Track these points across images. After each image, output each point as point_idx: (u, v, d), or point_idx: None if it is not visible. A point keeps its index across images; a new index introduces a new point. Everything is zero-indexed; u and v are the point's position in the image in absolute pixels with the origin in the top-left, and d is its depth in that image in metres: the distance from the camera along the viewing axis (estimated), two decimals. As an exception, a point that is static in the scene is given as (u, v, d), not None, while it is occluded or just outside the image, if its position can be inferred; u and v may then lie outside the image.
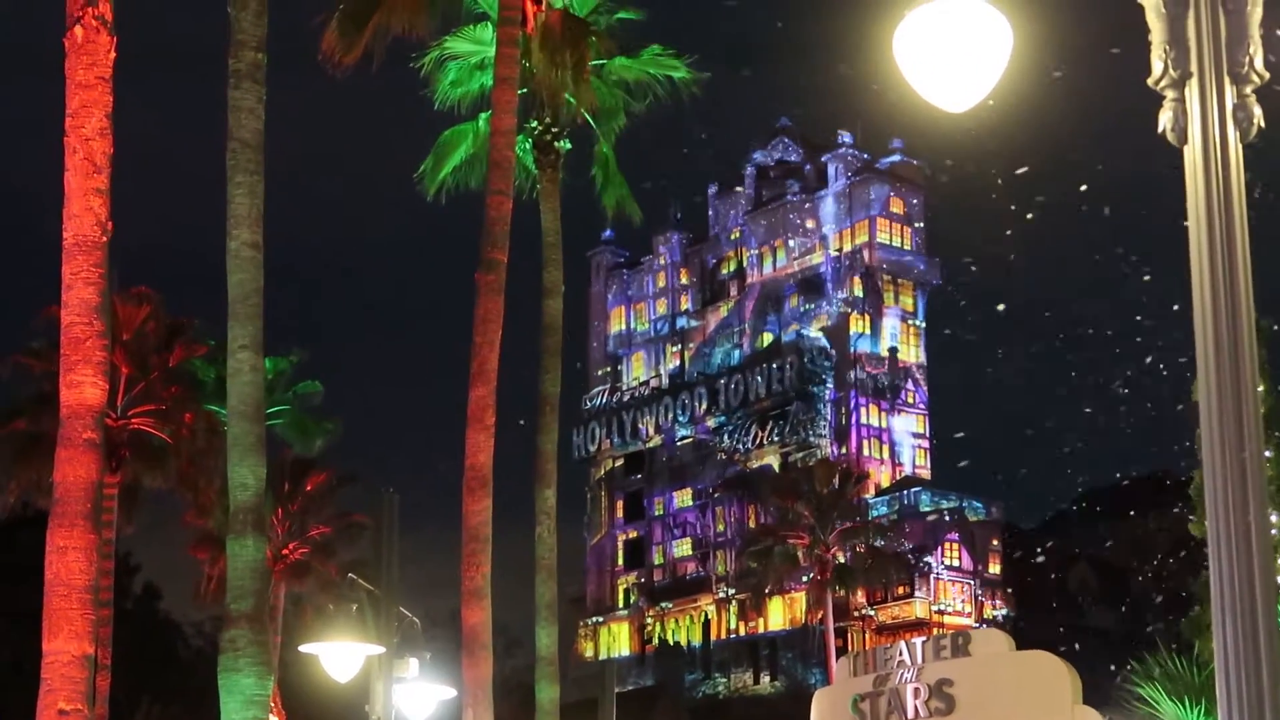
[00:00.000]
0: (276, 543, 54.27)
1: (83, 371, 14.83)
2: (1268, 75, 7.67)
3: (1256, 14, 7.67)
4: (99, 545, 15.29)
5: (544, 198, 33.68)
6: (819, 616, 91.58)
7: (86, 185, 14.90)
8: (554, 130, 33.48)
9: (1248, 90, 7.62)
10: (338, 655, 26.11)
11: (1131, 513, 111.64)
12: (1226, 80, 7.58)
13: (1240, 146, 7.56)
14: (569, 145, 33.90)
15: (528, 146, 33.30)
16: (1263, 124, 7.64)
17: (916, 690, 16.38)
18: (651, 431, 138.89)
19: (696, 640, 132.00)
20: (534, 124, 33.18)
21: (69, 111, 15.07)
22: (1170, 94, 7.66)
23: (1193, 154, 7.56)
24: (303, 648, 28.21)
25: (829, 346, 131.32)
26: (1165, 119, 7.66)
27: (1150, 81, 7.72)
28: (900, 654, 16.89)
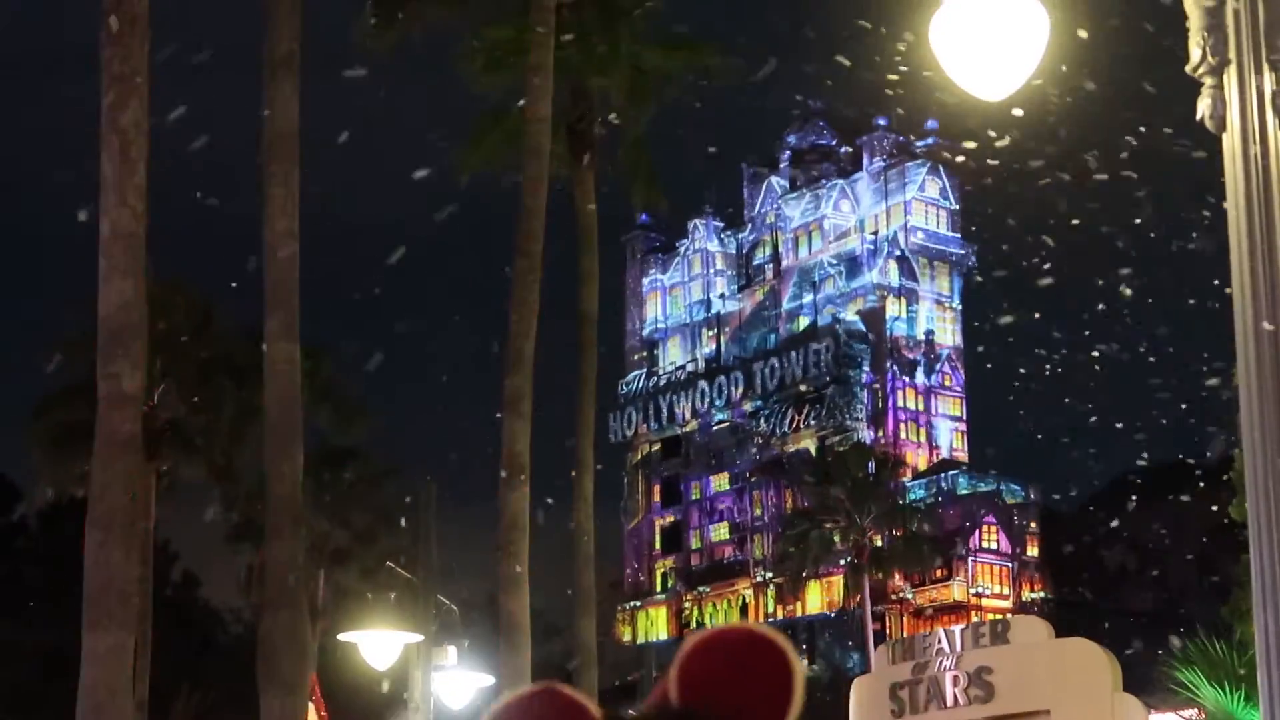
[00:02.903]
0: (316, 531, 54.35)
1: (120, 364, 14.86)
2: (1307, 61, 7.62)
3: (1296, -1, 7.62)
4: (137, 535, 15.32)
5: (578, 185, 33.70)
6: (857, 600, 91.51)
7: (122, 177, 14.91)
8: (587, 117, 33.48)
9: (1287, 76, 7.57)
10: (376, 643, 26.22)
11: (1170, 495, 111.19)
12: (1265, 67, 7.53)
13: (1279, 133, 7.51)
14: (603, 131, 33.90)
15: (562, 133, 33.30)
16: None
17: (955, 678, 16.33)
18: (688, 416, 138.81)
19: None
20: (568, 111, 33.18)
21: (105, 104, 15.09)
22: (1208, 81, 7.62)
23: (1231, 141, 7.52)
24: (341, 636, 28.32)
25: (865, 330, 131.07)
26: (1204, 106, 7.62)
27: (1188, 69, 7.69)
28: (939, 642, 16.84)
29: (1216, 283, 7.68)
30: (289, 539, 20.89)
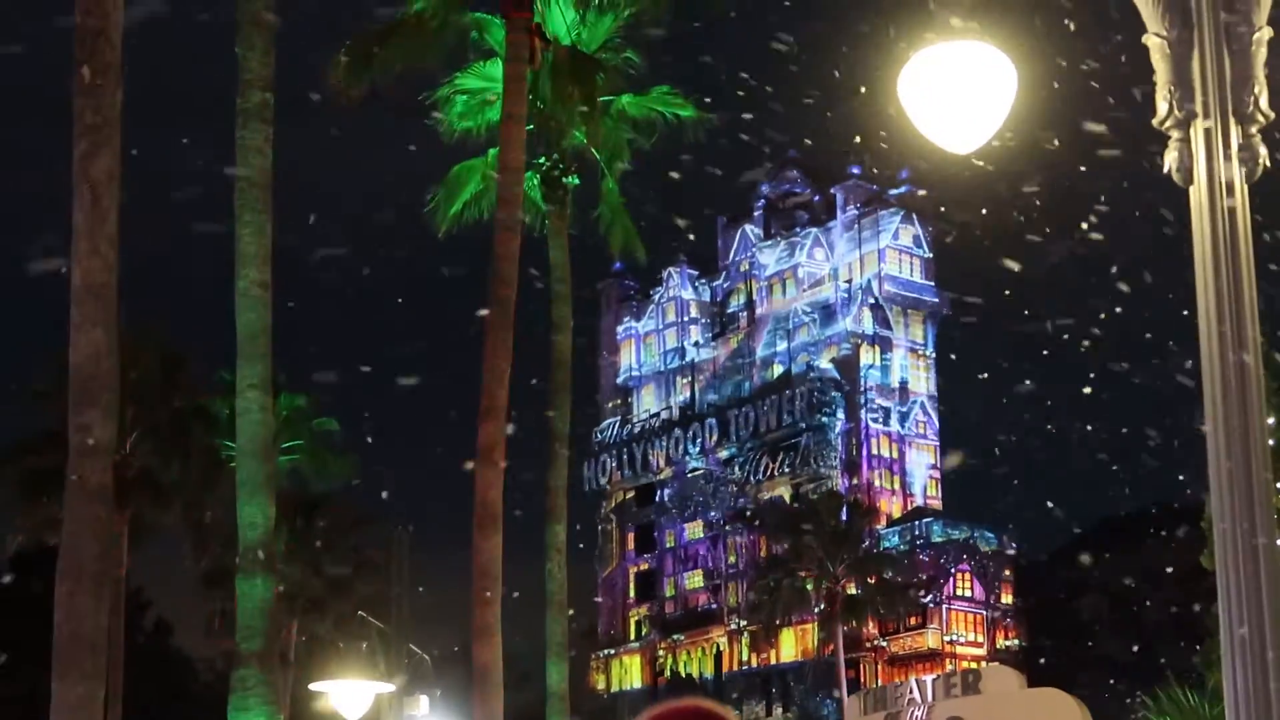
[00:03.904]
0: (291, 580, 54.25)
1: (90, 415, 14.81)
2: (1273, 115, 7.66)
3: (1261, 54, 7.66)
4: (108, 585, 15.26)
5: (552, 234, 33.75)
6: (830, 648, 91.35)
7: (95, 227, 14.89)
8: (562, 166, 33.55)
9: (1253, 130, 7.61)
10: (348, 692, 26.14)
11: (1145, 542, 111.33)
12: (1232, 120, 7.57)
13: (1246, 186, 7.55)
14: (577, 181, 33.96)
15: (535, 182, 33.36)
16: (1268, 164, 7.64)
17: (928, 728, 16.32)
18: (662, 463, 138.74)
19: (709, 672, 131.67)
20: (542, 160, 33.25)
21: (77, 153, 15.07)
22: (1175, 134, 7.65)
23: (1198, 194, 7.55)
24: (313, 685, 28.24)
25: (839, 377, 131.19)
26: (1170, 159, 7.65)
27: (1155, 122, 7.72)
28: (911, 691, 16.84)
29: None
30: (261, 587, 20.84)
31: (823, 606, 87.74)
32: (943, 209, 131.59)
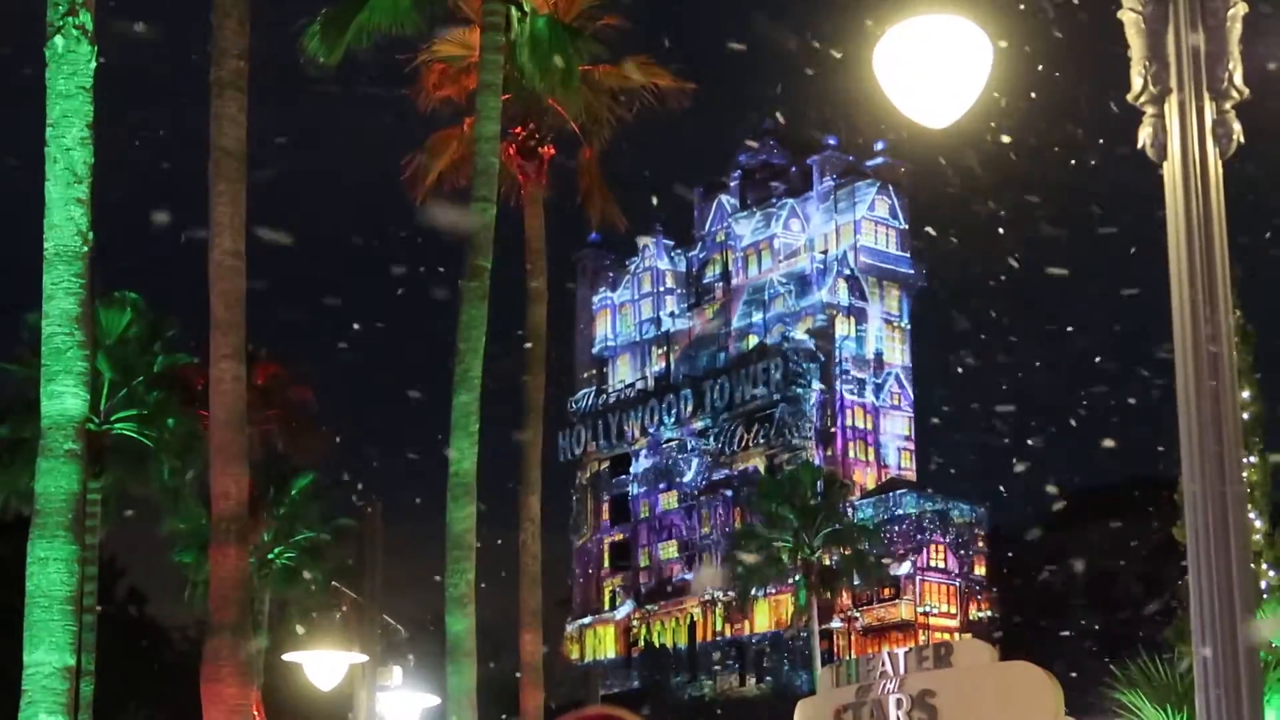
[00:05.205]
0: (262, 549, 54.22)
1: (64, 382, 14.77)
2: (1247, 91, 7.67)
3: (1236, 30, 7.66)
4: (81, 554, 15.23)
5: (528, 204, 33.69)
6: (804, 619, 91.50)
7: (67, 195, 14.83)
8: (538, 136, 33.48)
9: (1227, 106, 7.62)
10: (321, 663, 26.11)
11: (1119, 515, 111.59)
12: (1206, 96, 7.58)
13: (1220, 162, 7.56)
14: (554, 151, 33.89)
15: (512, 152, 33.27)
16: (1242, 140, 7.64)
17: (899, 701, 16.36)
18: (637, 434, 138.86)
19: (683, 642, 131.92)
20: (519, 130, 33.17)
21: (49, 121, 15.01)
22: (1150, 110, 7.66)
23: (1172, 170, 7.56)
24: (286, 656, 28.21)
25: (815, 349, 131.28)
26: (1145, 135, 7.66)
27: (1130, 97, 7.72)
28: (883, 664, 16.87)
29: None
30: (234, 557, 20.83)
31: (797, 578, 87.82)
32: (917, 175, 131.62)
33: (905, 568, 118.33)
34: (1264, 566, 33.13)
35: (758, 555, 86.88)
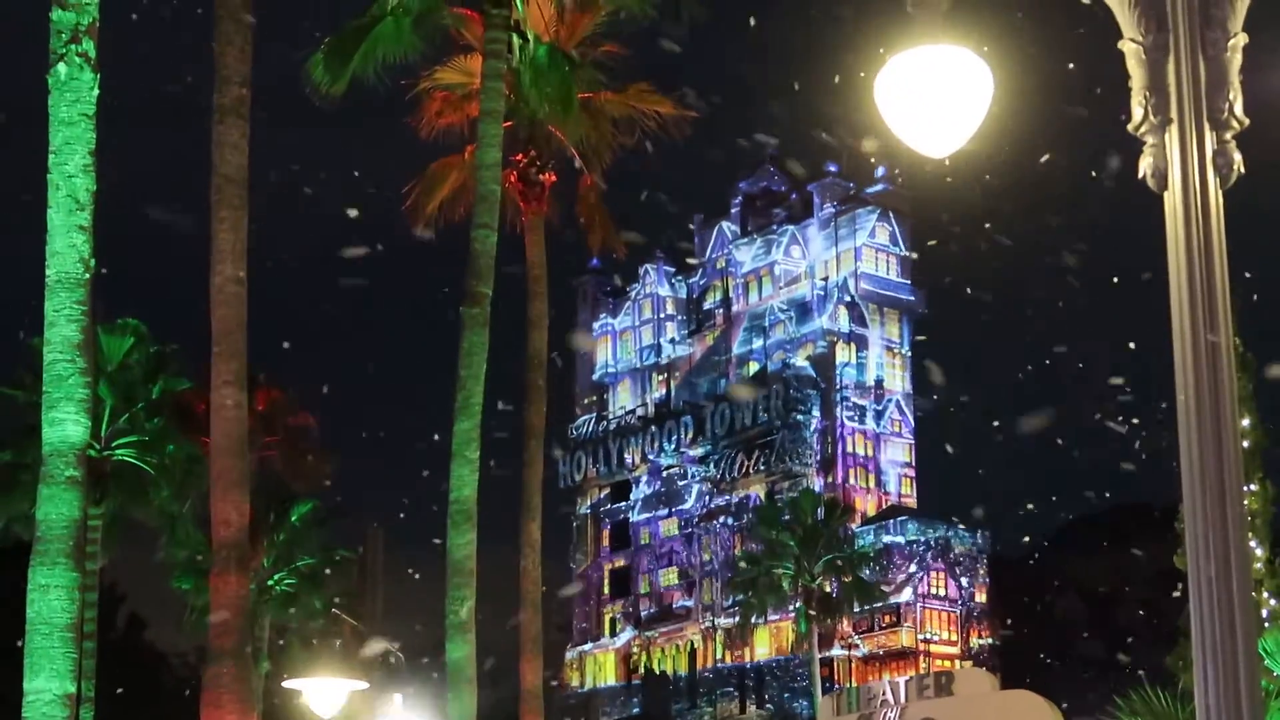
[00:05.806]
0: (262, 575, 54.17)
1: (65, 409, 14.80)
2: (1248, 121, 7.68)
3: (1236, 60, 7.68)
4: (82, 581, 15.23)
5: (529, 231, 33.70)
6: (805, 646, 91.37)
7: (69, 222, 14.87)
8: (539, 163, 33.50)
9: (1228, 136, 7.62)
10: (322, 690, 26.10)
11: (1120, 542, 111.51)
12: (1207, 126, 7.59)
13: (1220, 193, 7.56)
14: (555, 178, 33.91)
15: (513, 179, 33.28)
16: (1243, 170, 7.65)
17: (900, 729, 16.34)
18: (637, 460, 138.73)
19: (683, 669, 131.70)
20: (520, 157, 33.19)
21: (51, 148, 15.06)
22: (1150, 140, 7.66)
23: (1173, 200, 7.56)
24: (286, 683, 28.19)
25: (815, 375, 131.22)
26: (1145, 165, 7.66)
27: (1130, 127, 7.73)
28: (884, 693, 16.86)
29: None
30: (234, 584, 20.81)
31: (798, 605, 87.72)
32: (918, 202, 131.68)
33: (906, 595, 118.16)
34: (1265, 595, 33.13)
35: (758, 582, 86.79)
